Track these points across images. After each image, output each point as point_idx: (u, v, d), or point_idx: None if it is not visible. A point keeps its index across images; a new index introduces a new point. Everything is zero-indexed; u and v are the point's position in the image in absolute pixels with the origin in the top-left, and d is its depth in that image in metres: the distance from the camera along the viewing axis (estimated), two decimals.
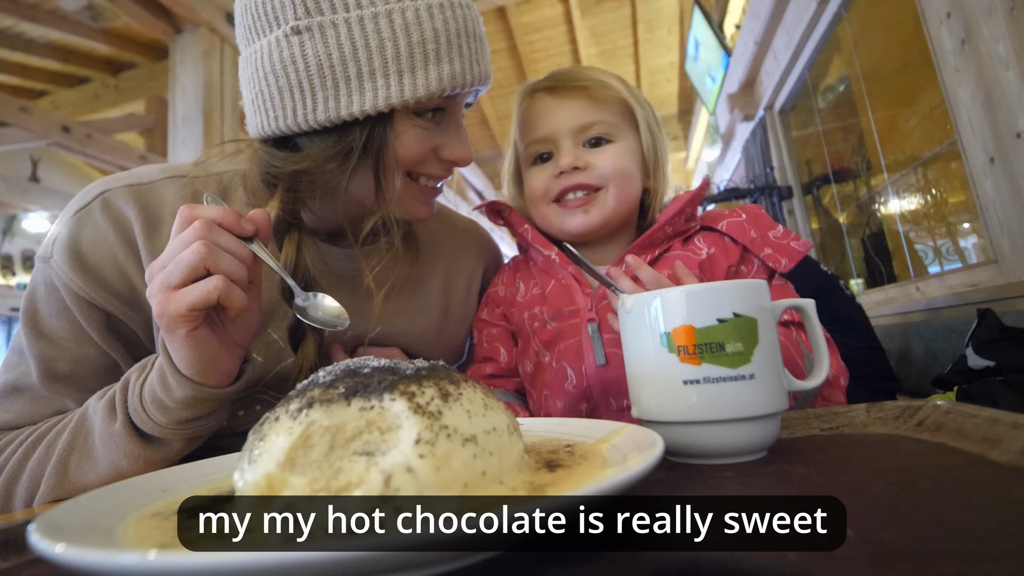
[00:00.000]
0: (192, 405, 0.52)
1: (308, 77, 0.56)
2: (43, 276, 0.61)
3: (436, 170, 0.65)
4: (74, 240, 0.60)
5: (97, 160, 4.34)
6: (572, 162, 0.72)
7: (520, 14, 4.87)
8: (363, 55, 0.55)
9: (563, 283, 0.75)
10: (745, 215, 0.74)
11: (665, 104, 6.62)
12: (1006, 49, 1.48)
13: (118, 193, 0.62)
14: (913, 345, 1.98)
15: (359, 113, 0.57)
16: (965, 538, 0.24)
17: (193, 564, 0.20)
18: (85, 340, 0.60)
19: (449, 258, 0.83)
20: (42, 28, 3.85)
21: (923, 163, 2.25)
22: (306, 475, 0.28)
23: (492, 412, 0.32)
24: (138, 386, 0.53)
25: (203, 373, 0.51)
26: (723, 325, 0.41)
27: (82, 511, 0.30)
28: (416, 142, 0.61)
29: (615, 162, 0.73)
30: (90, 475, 0.54)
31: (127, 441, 0.53)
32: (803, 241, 0.71)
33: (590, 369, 0.69)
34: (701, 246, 0.73)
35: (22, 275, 6.45)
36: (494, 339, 0.81)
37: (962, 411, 0.40)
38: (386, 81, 0.56)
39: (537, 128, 0.75)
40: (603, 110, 0.74)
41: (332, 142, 0.59)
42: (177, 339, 0.49)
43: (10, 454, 0.57)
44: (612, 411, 0.69)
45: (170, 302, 0.47)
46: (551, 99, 0.75)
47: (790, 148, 3.73)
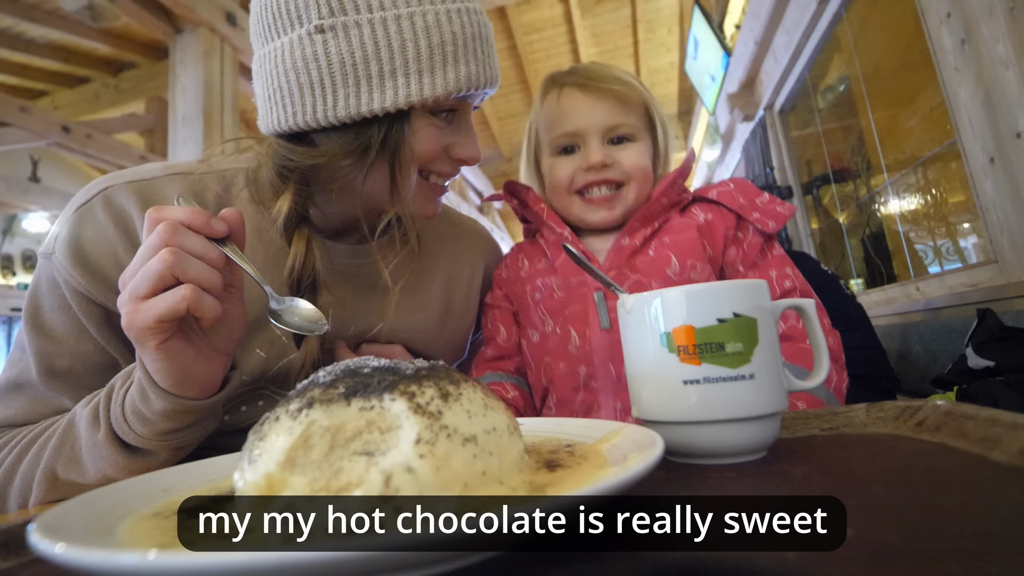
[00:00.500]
0: (172, 417, 0.50)
1: (331, 74, 0.57)
2: (45, 272, 0.61)
3: (446, 168, 0.67)
4: (75, 236, 0.59)
5: (97, 160, 4.34)
6: (602, 159, 0.78)
7: (520, 14, 4.87)
8: (385, 55, 0.57)
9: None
10: (733, 184, 0.80)
11: (665, 104, 6.62)
12: (1006, 49, 1.48)
13: (120, 189, 0.62)
14: (913, 345, 1.98)
15: (379, 110, 0.58)
16: (965, 538, 0.24)
17: (193, 564, 0.19)
18: (85, 337, 0.60)
19: (451, 256, 0.84)
20: (42, 28, 3.85)
21: (923, 163, 2.25)
22: (306, 475, 0.28)
23: (492, 412, 0.32)
24: (120, 395, 0.52)
25: (180, 385, 0.49)
26: (723, 325, 0.41)
27: (82, 511, 0.30)
28: (431, 140, 0.62)
29: (637, 160, 0.79)
30: (79, 481, 0.54)
31: (111, 451, 0.52)
32: (788, 205, 0.77)
33: (594, 332, 0.73)
34: (698, 213, 0.79)
35: (22, 275, 6.45)
36: (496, 319, 0.85)
37: (962, 411, 0.40)
38: (406, 80, 0.57)
39: (566, 122, 0.80)
40: (630, 112, 0.79)
41: (350, 138, 0.60)
42: (148, 352, 0.47)
43: (4, 455, 0.57)
44: (610, 379, 0.72)
45: (137, 314, 0.45)
46: (582, 96, 0.80)
47: (790, 148, 3.73)
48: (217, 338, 0.51)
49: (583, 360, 0.74)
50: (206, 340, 0.50)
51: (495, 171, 7.09)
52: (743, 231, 0.77)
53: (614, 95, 0.78)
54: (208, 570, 0.19)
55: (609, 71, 0.81)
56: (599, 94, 0.78)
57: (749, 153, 4.07)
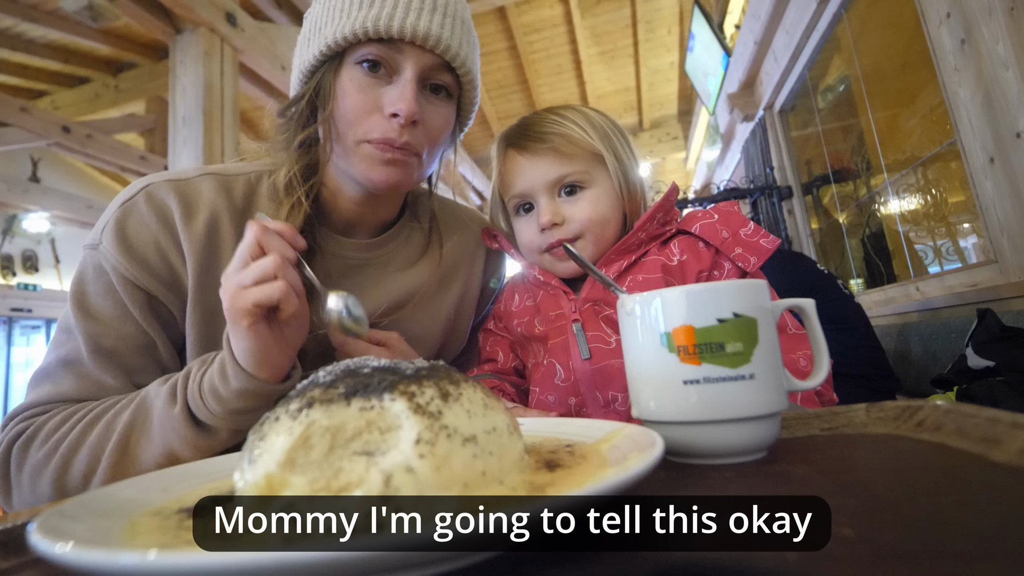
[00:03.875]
0: (244, 397, 0.57)
1: (306, 35, 0.69)
2: (92, 261, 0.66)
3: (381, 126, 0.66)
4: (121, 227, 0.65)
5: (97, 160, 4.35)
6: (550, 219, 0.76)
7: (520, 14, 4.87)
8: (322, 9, 0.67)
9: (551, 293, 0.80)
10: (717, 215, 0.76)
11: (665, 104, 6.62)
12: (1006, 49, 1.48)
13: (160, 186, 0.68)
14: (913, 345, 1.98)
15: (314, 60, 0.66)
16: (965, 538, 0.24)
17: (193, 564, 0.20)
18: (128, 319, 0.66)
19: (456, 239, 0.86)
20: (42, 28, 3.85)
21: (923, 163, 2.25)
22: (306, 475, 0.28)
23: (492, 412, 0.32)
24: (199, 376, 0.59)
25: (258, 365, 0.57)
26: (723, 325, 0.41)
27: (82, 511, 0.30)
28: (355, 92, 0.65)
29: (590, 211, 0.76)
30: (146, 453, 0.59)
31: (183, 425, 0.58)
32: (771, 238, 0.73)
33: (576, 363, 0.74)
34: (675, 252, 0.76)
35: (22, 275, 6.45)
36: (496, 344, 0.87)
37: (962, 411, 0.40)
38: (332, 29, 0.65)
39: (514, 184, 0.79)
40: (573, 161, 0.76)
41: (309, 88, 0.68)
42: (240, 330, 0.55)
43: (68, 429, 0.61)
44: (599, 405, 0.73)
45: (239, 297, 0.54)
46: (521, 157, 0.78)
47: (790, 148, 3.73)
48: (289, 330, 0.59)
49: (571, 391, 0.75)
50: (281, 331, 0.58)
51: None
52: (718, 269, 0.75)
53: (552, 150, 0.76)
54: (208, 570, 0.19)
55: (547, 124, 0.78)
56: (537, 152, 0.77)
57: (749, 153, 4.07)
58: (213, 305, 0.66)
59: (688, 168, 7.41)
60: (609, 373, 0.71)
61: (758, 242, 0.73)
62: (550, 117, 0.79)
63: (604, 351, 0.72)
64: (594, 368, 0.72)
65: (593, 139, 0.77)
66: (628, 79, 6.05)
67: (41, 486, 0.60)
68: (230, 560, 0.19)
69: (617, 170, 0.77)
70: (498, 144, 0.83)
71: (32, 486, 0.60)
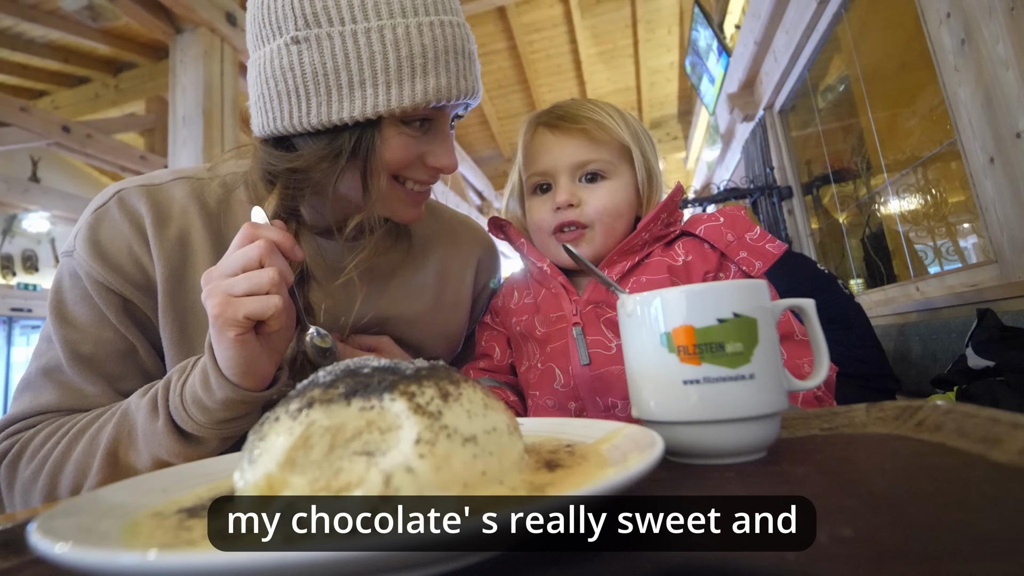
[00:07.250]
0: (230, 407, 0.56)
1: (304, 83, 0.60)
2: (67, 268, 0.66)
3: (421, 175, 0.69)
4: (94, 233, 0.65)
5: (97, 160, 4.35)
6: (567, 199, 0.76)
7: (520, 14, 4.88)
8: (355, 66, 0.60)
9: (552, 292, 0.80)
10: (723, 218, 0.76)
11: (665, 104, 6.63)
12: (1006, 49, 1.48)
13: (132, 192, 0.68)
14: (913, 345, 1.98)
15: (348, 119, 0.61)
16: (965, 538, 0.24)
17: (193, 564, 0.20)
18: (105, 324, 0.65)
19: (443, 248, 0.86)
20: (42, 28, 3.85)
21: (923, 163, 2.25)
22: (306, 475, 0.28)
23: (492, 412, 0.32)
24: (179, 386, 0.58)
25: (244, 376, 0.55)
26: (723, 325, 0.41)
27: (82, 511, 0.30)
28: (401, 149, 0.64)
29: (606, 201, 0.76)
30: (136, 465, 0.59)
31: (168, 439, 0.57)
32: (778, 243, 0.72)
33: (576, 369, 0.73)
34: (680, 253, 0.76)
35: (22, 275, 6.45)
36: (492, 340, 0.87)
37: (962, 411, 0.40)
38: (374, 91, 0.60)
39: (538, 162, 0.79)
40: (600, 149, 0.77)
41: (324, 144, 0.63)
42: (226, 341, 0.54)
43: (52, 446, 0.61)
44: (599, 409, 0.72)
45: (229, 307, 0.53)
46: (551, 135, 0.78)
47: (790, 148, 3.73)
48: (275, 338, 0.58)
49: (571, 396, 0.74)
50: (268, 340, 0.57)
51: (495, 171, 7.10)
52: (725, 272, 0.75)
53: (584, 133, 0.76)
54: (208, 570, 0.19)
55: (582, 109, 0.79)
56: (568, 132, 0.77)
57: (749, 153, 4.07)
58: (184, 308, 0.67)
59: (688, 168, 7.42)
60: (608, 380, 0.71)
61: (764, 247, 0.72)
62: (586, 104, 0.80)
63: (604, 357, 0.72)
64: (593, 374, 0.72)
65: (624, 132, 0.77)
66: (628, 79, 6.05)
67: (33, 503, 0.61)
68: (230, 560, 0.19)
69: (643, 167, 0.78)
70: (527, 124, 0.83)
71: (24, 504, 0.61)
